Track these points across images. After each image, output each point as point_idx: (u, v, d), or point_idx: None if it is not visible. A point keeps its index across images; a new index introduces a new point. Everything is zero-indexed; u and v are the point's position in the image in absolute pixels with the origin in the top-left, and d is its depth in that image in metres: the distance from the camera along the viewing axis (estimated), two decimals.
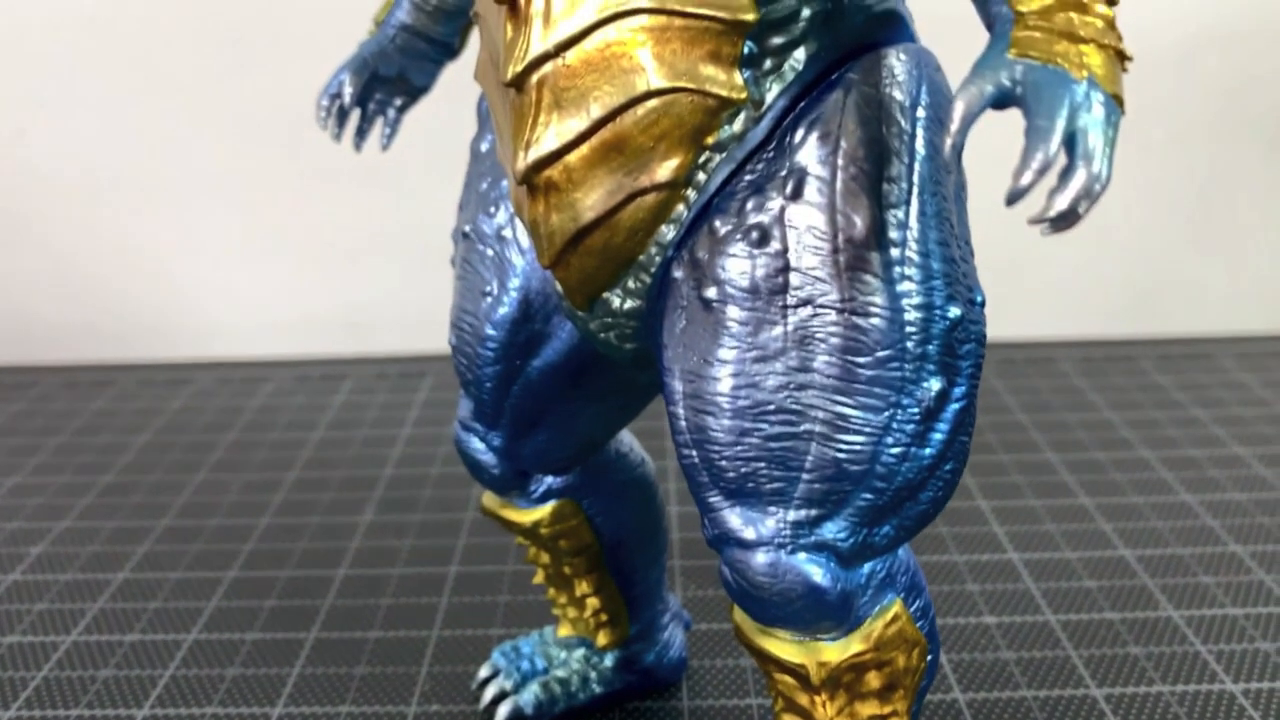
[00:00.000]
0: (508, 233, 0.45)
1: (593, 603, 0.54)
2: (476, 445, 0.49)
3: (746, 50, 0.36)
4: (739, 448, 0.37)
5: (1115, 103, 0.30)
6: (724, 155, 0.38)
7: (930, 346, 0.37)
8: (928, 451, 0.38)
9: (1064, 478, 0.79)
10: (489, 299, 0.45)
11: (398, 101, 0.52)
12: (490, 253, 0.45)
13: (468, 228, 0.46)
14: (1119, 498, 0.76)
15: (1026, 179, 0.29)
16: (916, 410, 0.37)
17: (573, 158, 0.38)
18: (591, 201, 0.38)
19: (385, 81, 0.51)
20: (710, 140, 0.37)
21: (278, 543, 0.73)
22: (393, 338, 1.06)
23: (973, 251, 0.40)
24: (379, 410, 0.94)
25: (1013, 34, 0.30)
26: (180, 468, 0.85)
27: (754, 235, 0.37)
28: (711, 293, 0.38)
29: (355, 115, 0.52)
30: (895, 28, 0.38)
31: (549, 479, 0.51)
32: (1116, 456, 0.82)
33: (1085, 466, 0.81)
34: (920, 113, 0.37)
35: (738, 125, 0.37)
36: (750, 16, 0.35)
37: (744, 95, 0.36)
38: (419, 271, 1.07)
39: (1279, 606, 0.63)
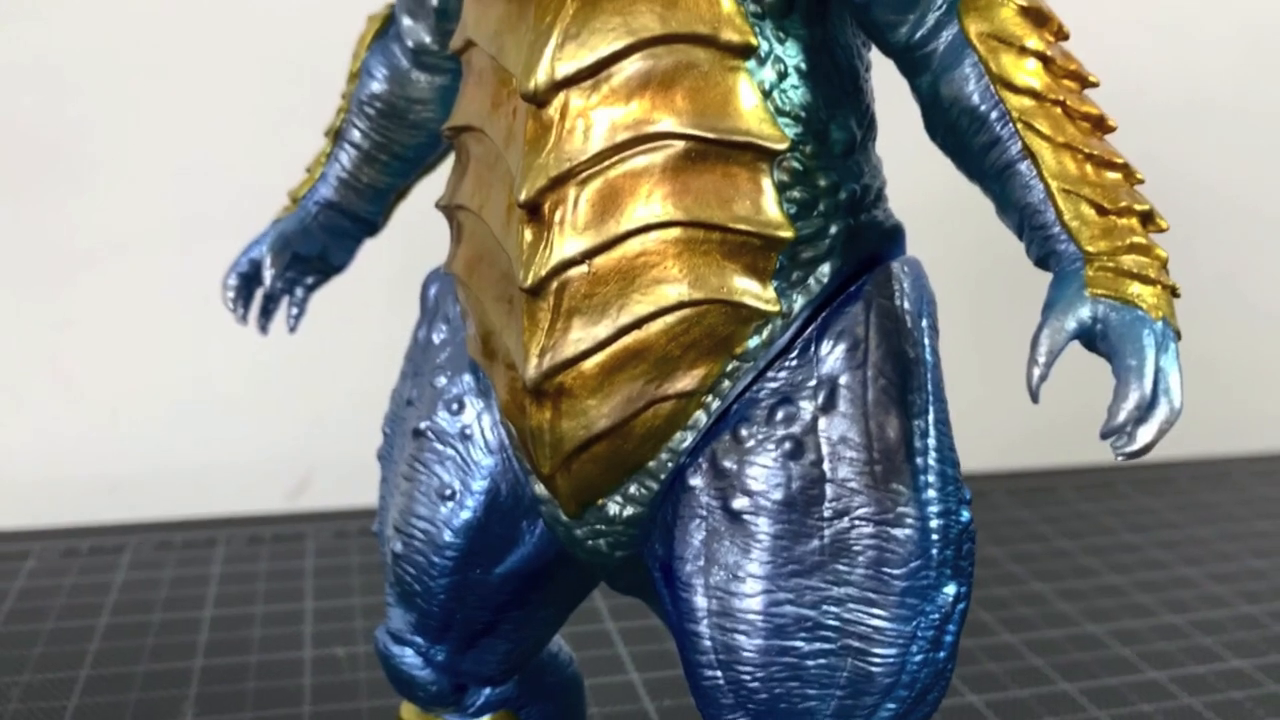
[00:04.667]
0: (472, 431, 0.42)
1: None
2: (412, 660, 0.45)
3: (778, 264, 0.36)
4: (774, 667, 0.36)
5: (1177, 338, 0.32)
6: (750, 365, 0.37)
7: (949, 551, 0.37)
8: (942, 655, 0.38)
9: None
10: (450, 503, 0.42)
11: (309, 280, 0.48)
12: (451, 452, 0.42)
13: (423, 424, 0.43)
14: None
15: (1123, 417, 0.30)
16: (937, 616, 0.37)
17: (589, 364, 0.36)
18: (607, 409, 0.37)
19: (301, 261, 0.47)
20: (739, 350, 0.37)
21: None
22: (168, 501, 0.96)
23: None
24: (170, 588, 0.84)
25: (1086, 273, 0.32)
26: None
27: (787, 446, 0.36)
28: (741, 504, 0.37)
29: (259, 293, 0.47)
30: (898, 241, 0.40)
31: (486, 690, 0.47)
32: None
33: None
34: (924, 322, 0.38)
35: (765, 335, 0.37)
36: (788, 234, 0.36)
37: (778, 308, 0.36)
38: (191, 425, 0.98)
39: None
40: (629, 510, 0.39)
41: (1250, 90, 1.13)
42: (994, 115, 0.34)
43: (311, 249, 0.47)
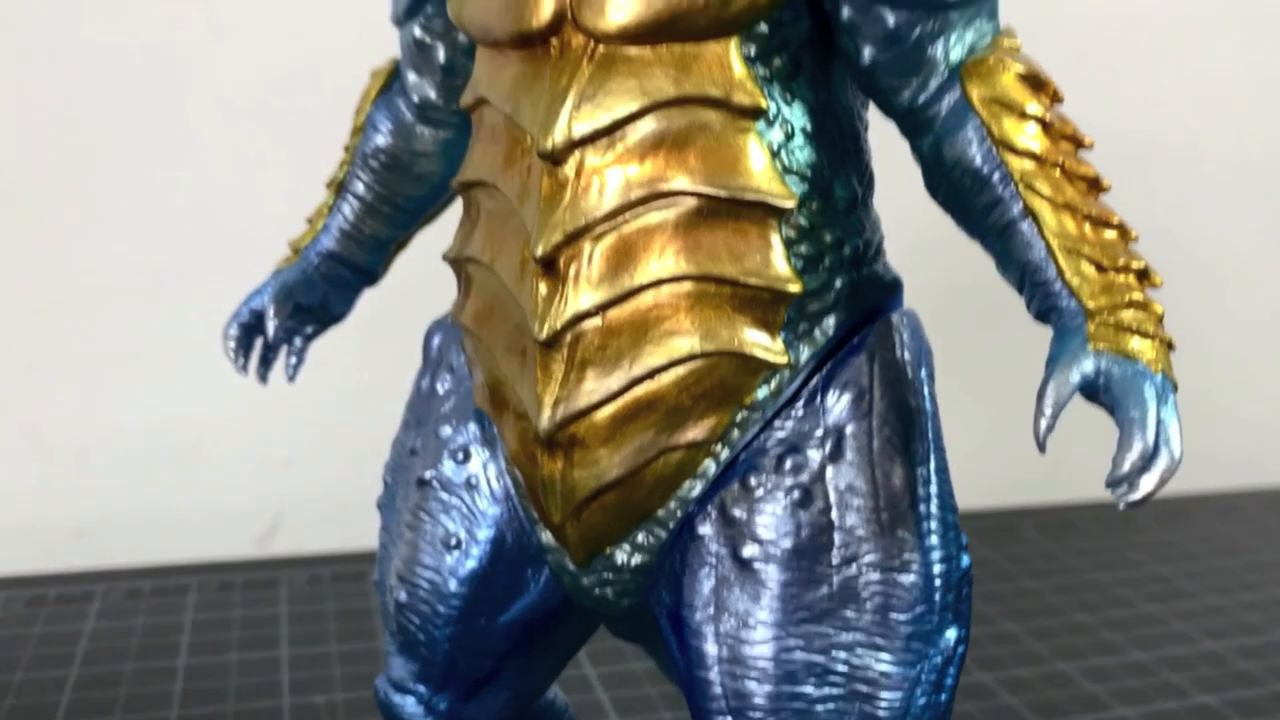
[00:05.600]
0: (478, 480, 0.42)
1: None
2: (414, 710, 0.45)
3: (786, 317, 0.37)
4: (784, 713, 0.37)
5: (1175, 389, 0.33)
6: (759, 414, 0.38)
7: (950, 595, 0.38)
8: (943, 697, 0.39)
9: None
10: (455, 552, 0.42)
11: (308, 330, 0.48)
12: (456, 501, 0.42)
13: (428, 474, 0.43)
14: None
15: (1128, 467, 0.32)
16: (939, 659, 0.38)
17: (601, 415, 0.37)
18: (619, 459, 0.37)
19: (302, 310, 0.47)
20: (748, 400, 0.38)
21: None
22: (137, 547, 0.94)
23: None
24: (142, 636, 0.82)
25: (1088, 328, 0.33)
26: None
27: (796, 494, 0.37)
28: (751, 551, 0.37)
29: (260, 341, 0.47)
30: (897, 293, 0.41)
31: None
32: None
33: None
34: (923, 372, 0.40)
35: (773, 385, 0.38)
36: (796, 288, 0.37)
37: (787, 359, 0.37)
38: (159, 470, 0.97)
39: None
40: (637, 559, 0.40)
41: (1199, 138, 1.17)
42: (996, 176, 0.35)
43: (313, 299, 0.47)
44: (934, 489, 0.38)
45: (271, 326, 0.46)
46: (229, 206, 0.95)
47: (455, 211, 0.51)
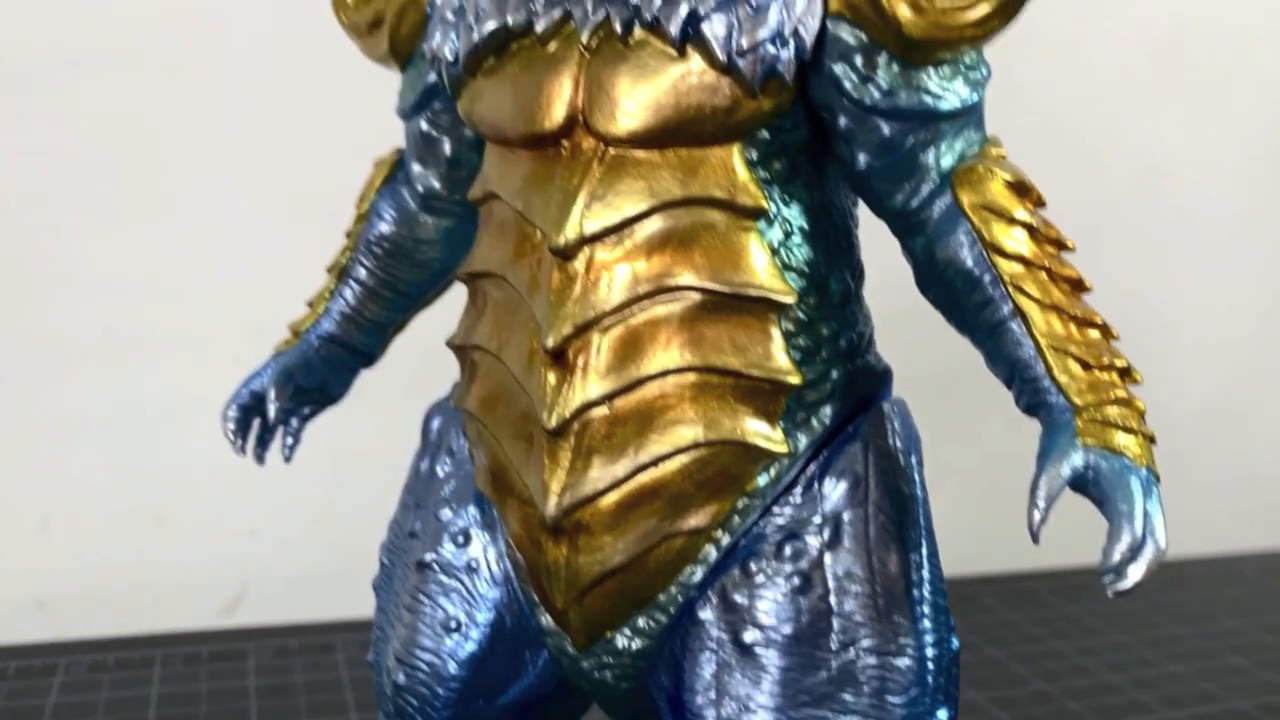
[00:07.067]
0: (478, 563, 0.43)
1: None
2: None
3: (786, 407, 0.39)
4: None
5: (1158, 482, 0.35)
6: (759, 501, 0.39)
7: (941, 678, 0.40)
8: None
9: None
10: (454, 635, 0.43)
11: (305, 410, 0.49)
12: (456, 584, 0.43)
13: (428, 557, 0.44)
14: None
15: (1118, 557, 0.33)
16: None
17: (606, 501, 0.38)
18: (623, 545, 0.38)
19: (302, 392, 0.48)
20: (749, 487, 0.39)
21: None
22: (101, 619, 0.93)
23: None
24: (107, 711, 0.81)
25: (1076, 424, 0.35)
26: None
27: (796, 581, 0.39)
28: (753, 637, 0.38)
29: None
30: (887, 383, 0.43)
31: None
32: None
33: None
34: (913, 459, 0.41)
35: (773, 473, 0.39)
36: (796, 380, 0.38)
37: (786, 448, 0.39)
38: (123, 539, 0.96)
39: None
40: (637, 643, 0.41)
41: (1149, 215, 1.21)
42: (987, 279, 0.37)
43: (312, 381, 0.48)
44: (926, 574, 0.40)
45: (273, 409, 0.47)
46: (198, 274, 0.96)
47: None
